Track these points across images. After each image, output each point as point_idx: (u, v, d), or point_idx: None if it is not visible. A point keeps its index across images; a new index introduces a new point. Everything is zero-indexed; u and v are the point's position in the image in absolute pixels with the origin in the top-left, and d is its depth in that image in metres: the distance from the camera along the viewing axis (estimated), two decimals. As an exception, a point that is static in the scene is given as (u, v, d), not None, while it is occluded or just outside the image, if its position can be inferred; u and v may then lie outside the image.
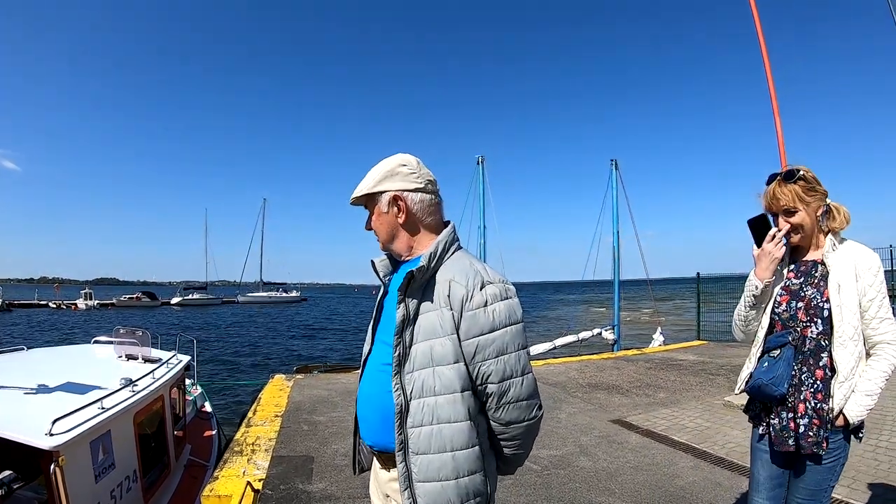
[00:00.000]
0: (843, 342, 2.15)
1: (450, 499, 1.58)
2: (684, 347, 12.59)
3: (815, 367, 2.20)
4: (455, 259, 1.71)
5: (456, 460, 1.58)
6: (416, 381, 1.60)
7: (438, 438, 1.58)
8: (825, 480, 2.21)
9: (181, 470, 6.53)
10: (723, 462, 4.82)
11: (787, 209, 2.26)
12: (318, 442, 5.46)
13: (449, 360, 1.59)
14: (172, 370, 6.31)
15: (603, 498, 4.13)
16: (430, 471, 1.58)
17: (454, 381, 1.58)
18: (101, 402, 4.53)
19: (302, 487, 4.31)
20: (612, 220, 19.92)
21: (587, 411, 6.71)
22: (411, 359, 1.62)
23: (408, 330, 1.63)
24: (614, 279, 20.22)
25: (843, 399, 2.14)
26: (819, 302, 2.21)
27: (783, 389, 2.21)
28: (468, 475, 1.60)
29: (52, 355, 6.99)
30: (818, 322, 2.21)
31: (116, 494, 4.65)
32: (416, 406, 1.60)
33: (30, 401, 4.53)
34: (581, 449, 5.27)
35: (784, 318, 2.32)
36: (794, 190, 2.24)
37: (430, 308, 1.62)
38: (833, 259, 2.23)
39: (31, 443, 3.77)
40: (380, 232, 1.80)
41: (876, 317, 2.16)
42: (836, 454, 2.19)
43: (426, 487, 1.59)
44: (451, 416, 1.58)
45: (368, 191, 1.76)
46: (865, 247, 2.25)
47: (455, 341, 1.59)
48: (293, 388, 8.09)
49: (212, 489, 4.16)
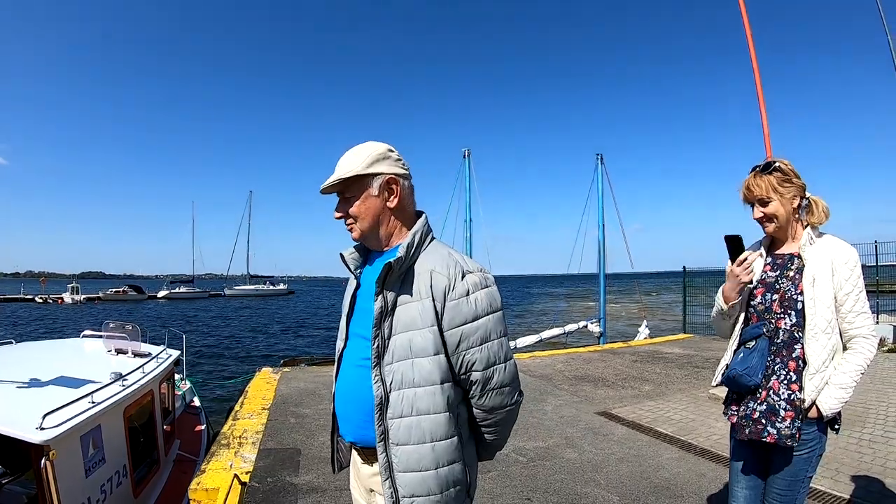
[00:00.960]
0: (814, 335, 2.16)
1: (430, 488, 1.60)
2: (670, 340, 12.69)
3: (788, 359, 2.22)
4: (432, 249, 1.70)
5: (436, 451, 1.59)
6: (396, 372, 1.60)
7: (418, 430, 1.58)
8: (801, 471, 2.23)
9: (170, 465, 6.50)
10: (707, 454, 4.88)
11: (760, 199, 2.28)
12: (305, 434, 5.46)
13: (429, 352, 1.59)
14: (162, 365, 6.27)
15: (589, 489, 4.16)
16: (411, 461, 1.59)
17: (434, 372, 1.59)
18: (92, 396, 4.50)
19: (289, 480, 4.32)
20: (598, 214, 20.00)
21: (573, 403, 6.75)
22: (390, 351, 1.61)
23: (386, 322, 1.63)
24: (600, 272, 20.30)
25: (814, 391, 2.16)
26: (793, 294, 2.23)
27: (757, 380, 2.24)
28: (448, 465, 1.62)
29: (41, 349, 6.92)
30: (792, 314, 2.23)
31: (107, 489, 4.63)
32: (395, 398, 1.60)
33: (19, 394, 4.48)
34: (567, 441, 5.31)
35: (759, 310, 2.34)
36: (769, 181, 2.26)
37: (409, 299, 1.62)
38: (810, 252, 2.24)
39: (22, 437, 3.73)
40: (364, 217, 1.71)
41: (852, 311, 2.17)
42: (811, 445, 2.21)
43: (407, 478, 1.60)
44: (430, 408, 1.59)
45: (361, 171, 1.67)
46: (843, 241, 2.25)
47: (435, 332, 1.59)
48: (280, 380, 8.08)
49: (199, 482, 4.14)
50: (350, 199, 1.71)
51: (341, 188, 1.72)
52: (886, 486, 4.04)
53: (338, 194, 1.75)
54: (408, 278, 1.64)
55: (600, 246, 20.04)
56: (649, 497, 4.01)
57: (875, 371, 8.27)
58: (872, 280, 13.73)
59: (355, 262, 1.84)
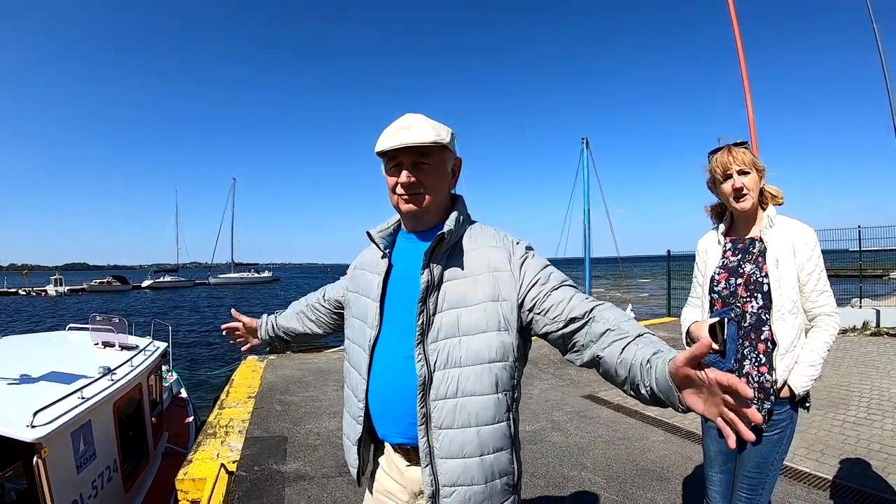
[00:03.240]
0: (781, 315, 2.18)
1: (474, 477, 1.50)
2: (655, 324, 12.76)
3: (757, 341, 2.24)
4: (479, 227, 1.67)
5: (481, 436, 1.50)
6: (441, 351, 1.51)
7: (463, 412, 1.49)
8: (771, 453, 2.23)
9: (159, 458, 6.46)
10: (693, 436, 4.93)
11: (742, 169, 2.26)
12: (292, 422, 5.45)
13: (480, 329, 1.50)
14: (150, 357, 6.21)
15: (575, 472, 4.19)
16: (454, 447, 1.49)
17: (482, 350, 1.50)
18: (82, 391, 4.45)
19: (276, 468, 4.30)
20: (584, 199, 19.99)
21: (559, 387, 6.79)
22: (435, 328, 1.52)
23: (431, 297, 1.54)
24: (585, 257, 20.35)
25: (785, 370, 2.18)
26: (758, 277, 2.24)
27: (730, 364, 2.23)
28: (493, 452, 1.52)
29: (27, 343, 6.82)
30: (758, 297, 2.24)
31: (98, 485, 4.59)
32: (439, 378, 1.50)
33: (8, 391, 4.41)
34: (553, 424, 5.34)
35: (724, 295, 2.35)
36: (746, 153, 2.28)
37: (459, 275, 1.56)
38: (770, 235, 2.25)
39: (13, 435, 3.68)
40: (435, 190, 1.60)
41: (815, 290, 2.20)
42: (781, 426, 2.22)
43: (448, 464, 1.50)
44: (477, 389, 1.50)
45: (446, 142, 1.56)
46: (801, 222, 2.27)
47: (489, 308, 1.51)
48: (266, 368, 8.05)
49: (186, 472, 4.12)
50: (424, 168, 1.57)
51: (422, 152, 1.56)
52: (871, 467, 4.10)
53: (399, 159, 1.57)
54: (455, 254, 1.58)
55: (586, 230, 20.07)
56: (636, 479, 4.04)
57: (858, 354, 8.41)
58: (856, 265, 13.86)
59: (384, 241, 1.70)
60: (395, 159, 1.57)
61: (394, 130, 1.56)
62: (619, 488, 3.90)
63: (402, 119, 1.59)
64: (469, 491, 1.50)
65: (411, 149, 1.54)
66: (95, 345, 6.42)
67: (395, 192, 1.60)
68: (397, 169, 1.58)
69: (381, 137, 1.57)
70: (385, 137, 1.56)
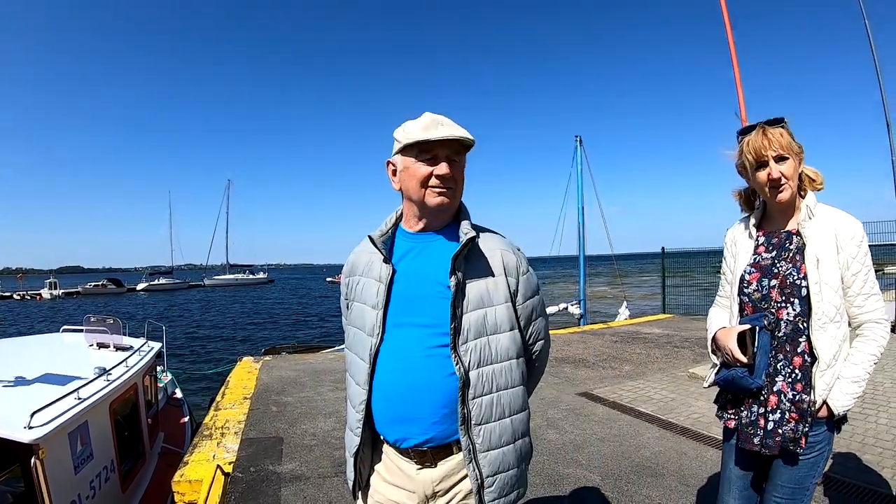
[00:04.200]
0: (822, 324, 1.86)
1: (510, 462, 1.63)
2: (650, 321, 12.80)
3: (793, 354, 1.92)
4: (488, 232, 1.73)
5: (514, 425, 1.64)
6: (473, 351, 1.57)
7: (498, 406, 1.60)
8: (806, 478, 1.95)
9: (156, 458, 6.47)
10: (688, 432, 4.95)
11: (780, 155, 1.90)
12: (288, 423, 5.44)
13: (505, 328, 1.62)
14: (145, 358, 6.22)
15: (571, 469, 4.20)
16: (493, 439, 1.60)
17: (511, 347, 1.63)
18: (78, 392, 4.45)
19: (272, 469, 4.30)
20: (578, 196, 20.00)
21: (554, 385, 6.80)
22: (464, 330, 1.57)
23: (459, 301, 1.58)
24: (580, 254, 20.37)
25: (826, 389, 1.87)
26: (795, 279, 1.92)
27: (760, 381, 1.92)
28: (522, 437, 1.68)
29: (22, 345, 6.82)
30: (795, 302, 1.92)
31: (95, 485, 4.59)
32: (475, 377, 1.57)
33: (5, 393, 4.40)
34: (549, 422, 5.35)
35: (755, 298, 2.02)
36: (784, 134, 1.91)
37: (478, 278, 1.61)
38: (810, 229, 1.92)
39: (11, 436, 3.68)
40: (460, 188, 1.64)
41: (861, 293, 1.89)
42: (819, 448, 1.92)
43: (490, 456, 1.60)
44: (508, 382, 1.62)
45: (474, 143, 1.60)
46: (845, 213, 1.94)
47: (510, 308, 1.63)
48: (261, 369, 8.03)
49: (182, 474, 4.12)
50: (456, 165, 1.60)
51: (455, 149, 1.58)
52: (864, 461, 4.12)
53: (435, 152, 1.56)
54: (472, 257, 1.63)
55: (580, 228, 20.08)
56: (631, 476, 4.06)
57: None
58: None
59: (385, 246, 1.68)
60: (430, 152, 1.56)
61: (430, 123, 1.56)
62: (615, 485, 3.92)
63: (431, 116, 1.59)
64: (506, 476, 1.63)
65: (450, 143, 1.55)
66: (90, 346, 6.42)
67: (425, 184, 1.58)
68: (432, 161, 1.56)
69: (414, 129, 1.56)
70: (423, 128, 1.54)
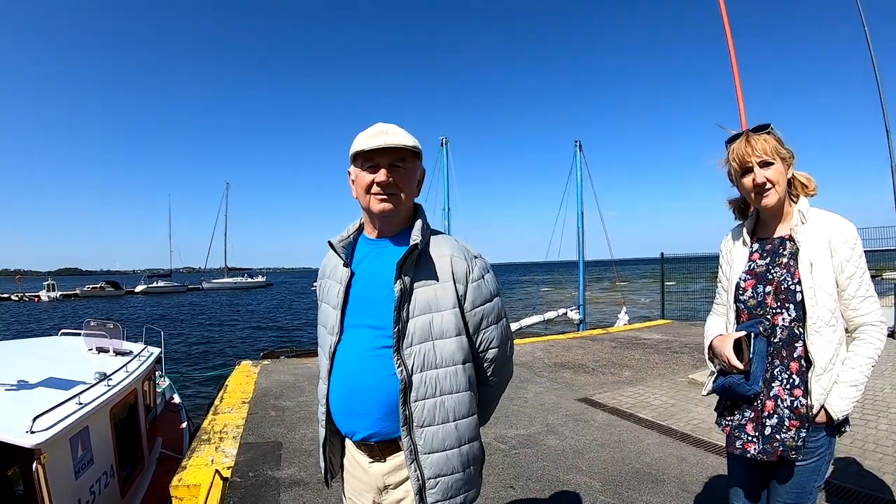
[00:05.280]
0: (818, 329, 1.87)
1: (454, 466, 1.64)
2: (649, 326, 12.81)
3: (790, 360, 1.93)
4: (442, 237, 1.75)
5: (459, 429, 1.65)
6: (417, 355, 1.61)
7: (442, 409, 1.62)
8: (809, 482, 1.95)
9: (154, 463, 6.46)
10: (688, 438, 4.94)
11: (763, 160, 1.93)
12: (286, 427, 5.43)
13: (451, 333, 1.64)
14: (144, 363, 6.22)
15: (571, 476, 4.19)
16: (436, 442, 1.62)
17: (456, 353, 1.64)
18: (79, 397, 4.44)
19: (271, 474, 4.28)
20: (577, 201, 20.06)
21: (554, 390, 6.79)
22: (409, 334, 1.62)
23: (404, 306, 1.62)
24: (579, 260, 20.41)
25: (822, 393, 1.88)
26: (790, 284, 1.93)
27: (757, 387, 1.94)
28: (469, 442, 1.68)
29: (20, 348, 6.81)
30: (790, 308, 1.93)
31: (95, 490, 4.59)
32: (418, 380, 1.61)
33: (6, 397, 4.40)
34: (548, 428, 5.34)
35: (751, 305, 2.03)
36: (768, 140, 1.94)
37: (427, 283, 1.64)
38: (803, 233, 1.94)
39: (13, 441, 3.68)
40: (407, 194, 1.68)
41: (856, 296, 1.89)
42: (819, 453, 1.93)
43: (432, 458, 1.62)
44: (453, 387, 1.64)
45: (420, 149, 1.68)
46: (838, 216, 1.95)
47: (457, 314, 1.64)
48: (260, 373, 8.01)
49: (180, 479, 4.09)
50: (399, 171, 1.65)
51: (399, 156, 1.64)
52: (864, 467, 4.11)
53: (376, 160, 1.63)
54: (422, 262, 1.66)
55: (579, 233, 20.12)
56: (631, 482, 4.04)
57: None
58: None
59: (345, 251, 1.76)
60: (372, 160, 1.64)
61: (373, 133, 1.64)
62: (615, 491, 3.90)
63: (379, 125, 1.67)
64: (450, 479, 1.65)
65: (390, 151, 1.62)
66: (90, 350, 6.42)
67: (369, 191, 1.66)
68: (374, 169, 1.64)
69: (360, 139, 1.65)
70: (365, 139, 1.64)
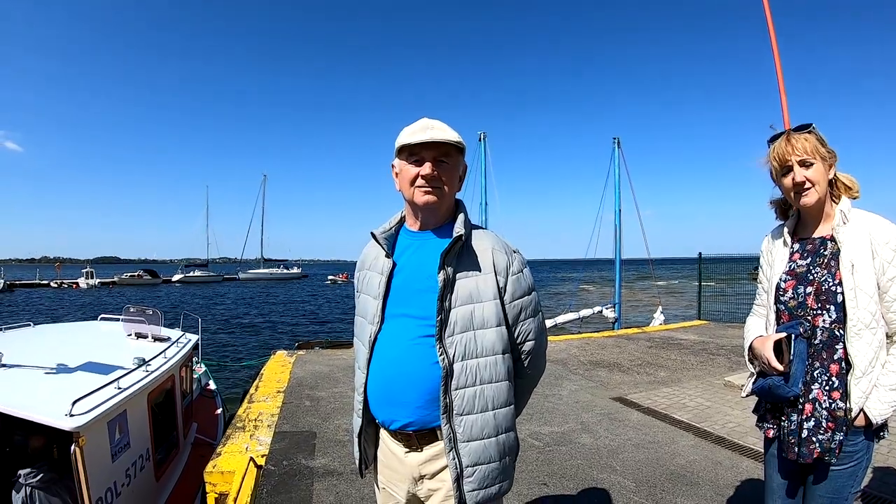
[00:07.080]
0: (858, 331, 1.86)
1: (491, 455, 1.68)
2: (685, 327, 12.59)
3: (830, 362, 1.91)
4: (482, 231, 1.80)
5: (497, 419, 1.68)
6: (458, 344, 1.65)
7: (481, 398, 1.66)
8: (846, 487, 1.94)
9: (188, 448, 6.57)
10: (723, 441, 4.84)
11: (803, 160, 1.93)
12: (321, 417, 5.49)
13: (491, 324, 1.68)
14: (183, 349, 6.31)
15: (605, 475, 4.15)
16: (474, 430, 1.65)
17: (497, 343, 1.68)
18: (118, 382, 4.54)
19: (304, 463, 4.34)
20: (615, 199, 19.82)
21: (588, 389, 6.73)
22: (451, 323, 1.65)
23: (447, 296, 1.66)
24: (615, 258, 20.18)
25: (862, 396, 1.86)
26: (831, 285, 1.91)
27: (796, 389, 1.92)
28: (506, 432, 1.72)
29: (60, 332, 6.97)
30: (831, 309, 1.91)
31: (131, 473, 4.69)
32: (459, 369, 1.65)
33: (46, 381, 4.51)
34: (582, 426, 5.29)
35: (791, 306, 2.02)
36: (809, 139, 1.94)
37: (469, 274, 1.69)
38: (845, 234, 1.92)
39: (52, 423, 3.77)
40: (451, 188, 1.73)
41: None
42: (857, 457, 1.92)
43: (471, 447, 1.65)
44: (493, 377, 1.68)
45: (461, 144, 1.71)
46: (882, 217, 1.93)
47: (498, 305, 1.68)
48: (295, 363, 8.12)
49: (215, 465, 4.18)
50: (443, 166, 1.70)
51: (443, 151, 1.69)
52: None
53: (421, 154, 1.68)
54: (464, 255, 1.71)
55: (616, 231, 19.89)
56: (665, 484, 3.98)
57: None
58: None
59: (387, 242, 1.81)
60: (417, 154, 1.69)
61: (419, 128, 1.69)
62: (649, 492, 3.85)
63: (424, 120, 1.72)
64: (487, 468, 1.68)
65: (435, 145, 1.66)
66: (128, 335, 6.53)
67: (413, 184, 1.70)
68: (418, 163, 1.69)
69: (405, 133, 1.70)
70: (410, 133, 1.68)
